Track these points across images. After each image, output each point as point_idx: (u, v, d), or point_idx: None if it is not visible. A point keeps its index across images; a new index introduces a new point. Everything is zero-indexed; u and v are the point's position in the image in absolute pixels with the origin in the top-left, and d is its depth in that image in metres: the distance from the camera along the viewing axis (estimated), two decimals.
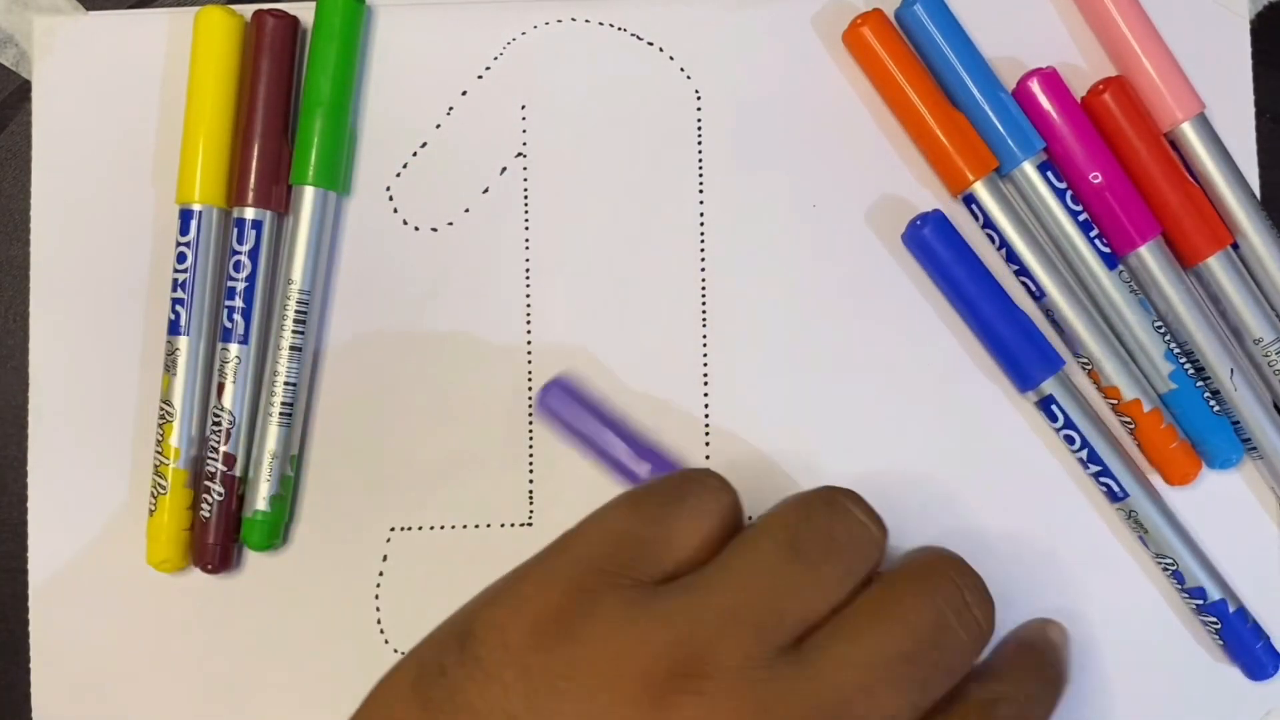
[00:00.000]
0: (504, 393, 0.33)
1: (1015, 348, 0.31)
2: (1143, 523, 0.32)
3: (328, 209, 0.32)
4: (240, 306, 0.32)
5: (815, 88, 0.33)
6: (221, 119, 0.32)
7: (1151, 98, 0.32)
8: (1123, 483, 0.32)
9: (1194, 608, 0.32)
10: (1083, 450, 0.32)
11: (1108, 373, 0.32)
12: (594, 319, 0.33)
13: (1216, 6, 0.33)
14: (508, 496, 0.33)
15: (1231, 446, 0.32)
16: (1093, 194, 0.32)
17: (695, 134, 0.33)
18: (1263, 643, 0.32)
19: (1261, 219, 0.32)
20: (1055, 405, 0.32)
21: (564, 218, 0.33)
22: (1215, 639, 0.32)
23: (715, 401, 0.33)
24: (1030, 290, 0.32)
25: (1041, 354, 0.31)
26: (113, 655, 0.33)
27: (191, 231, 0.32)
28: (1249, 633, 0.32)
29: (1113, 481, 0.32)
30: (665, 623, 0.24)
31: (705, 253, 0.33)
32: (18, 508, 0.33)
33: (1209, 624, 0.32)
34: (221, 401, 0.32)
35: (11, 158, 0.33)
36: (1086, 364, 0.32)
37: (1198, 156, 0.32)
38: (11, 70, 0.34)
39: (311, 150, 0.32)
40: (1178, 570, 0.32)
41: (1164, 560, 0.32)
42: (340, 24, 0.32)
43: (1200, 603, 0.32)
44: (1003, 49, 0.33)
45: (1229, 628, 0.32)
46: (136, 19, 0.33)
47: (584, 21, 0.33)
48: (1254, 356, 0.32)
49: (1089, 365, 0.32)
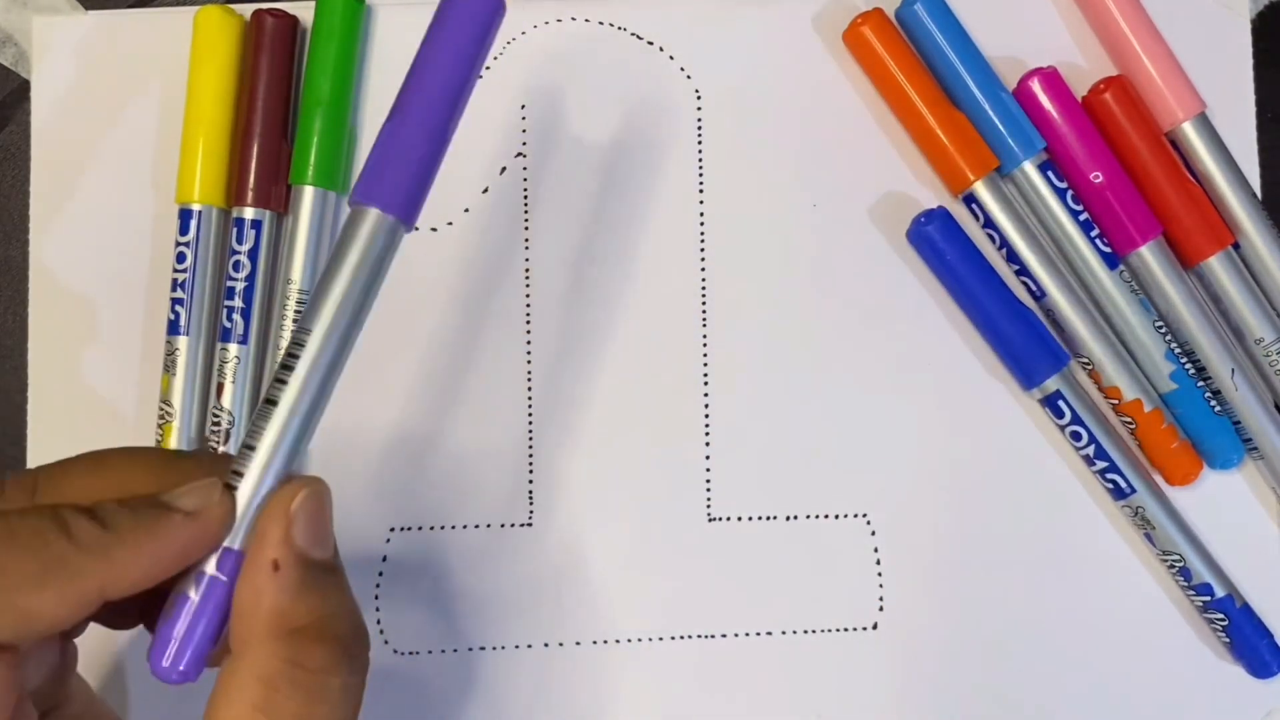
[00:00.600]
0: (504, 393, 0.33)
1: (1021, 345, 0.31)
2: (1150, 519, 0.32)
3: (327, 208, 0.32)
4: (240, 306, 0.32)
5: (815, 87, 0.33)
6: (221, 119, 0.32)
7: (1152, 97, 0.32)
8: (1130, 478, 0.32)
9: (1200, 605, 0.32)
10: (1089, 447, 0.32)
11: (1109, 373, 0.32)
12: (594, 319, 0.33)
13: (1217, 6, 0.33)
14: (508, 496, 0.33)
15: (1233, 447, 0.32)
16: (1094, 193, 0.32)
17: (695, 134, 0.33)
18: (1267, 640, 0.32)
19: (1262, 219, 0.32)
20: (1062, 401, 0.32)
21: (564, 218, 0.33)
22: (1221, 636, 0.32)
23: (715, 401, 0.33)
24: (1031, 290, 0.32)
25: (1048, 350, 0.31)
26: (112, 654, 0.32)
27: (191, 231, 0.32)
28: (1255, 629, 0.32)
29: (1120, 477, 0.32)
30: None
31: (705, 252, 0.33)
32: None
33: (1215, 621, 0.32)
34: (221, 402, 0.32)
35: (11, 157, 0.33)
36: (1087, 364, 0.32)
37: (1199, 156, 0.32)
38: (11, 70, 0.34)
39: (311, 150, 0.32)
40: (1185, 567, 0.32)
41: (1170, 557, 0.32)
42: (339, 23, 0.32)
43: (1207, 599, 0.32)
44: (1004, 48, 0.33)
45: (1235, 624, 0.32)
46: (136, 18, 0.33)
47: (584, 21, 0.33)
48: (1255, 356, 0.32)
49: (1090, 365, 0.32)
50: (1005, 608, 0.33)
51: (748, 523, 0.33)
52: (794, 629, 0.33)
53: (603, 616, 0.32)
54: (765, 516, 0.33)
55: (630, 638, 0.32)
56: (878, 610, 0.33)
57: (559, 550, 0.32)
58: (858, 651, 0.33)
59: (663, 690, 0.32)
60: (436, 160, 0.22)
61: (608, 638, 0.32)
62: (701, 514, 0.33)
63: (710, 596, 0.33)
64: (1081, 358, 0.32)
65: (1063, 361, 0.32)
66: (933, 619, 0.33)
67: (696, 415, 0.33)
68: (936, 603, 0.33)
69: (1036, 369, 0.31)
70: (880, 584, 0.33)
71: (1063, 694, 0.33)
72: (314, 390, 0.21)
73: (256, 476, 0.21)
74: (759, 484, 0.33)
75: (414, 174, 0.22)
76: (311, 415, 0.21)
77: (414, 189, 0.22)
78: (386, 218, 0.21)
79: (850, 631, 0.33)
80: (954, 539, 0.33)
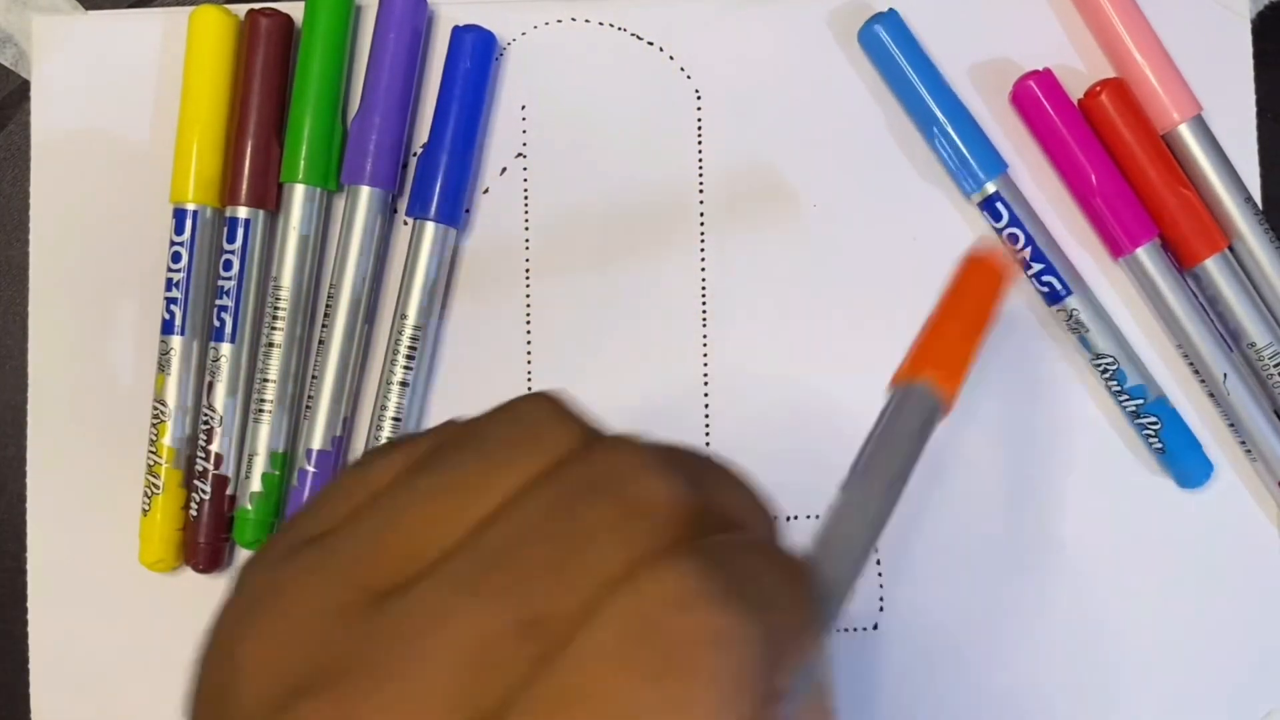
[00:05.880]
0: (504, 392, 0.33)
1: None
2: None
3: (317, 206, 0.32)
4: (230, 305, 0.32)
5: (815, 87, 0.33)
6: (215, 118, 0.32)
7: (1149, 100, 0.32)
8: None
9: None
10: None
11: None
12: (593, 318, 0.33)
13: (1217, 6, 0.33)
14: None
15: (1201, 466, 0.32)
16: (1090, 196, 0.32)
17: (695, 134, 0.33)
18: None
19: (1259, 222, 0.32)
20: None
21: (564, 218, 0.33)
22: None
23: (715, 400, 0.33)
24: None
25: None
26: (112, 654, 0.32)
27: (186, 231, 0.32)
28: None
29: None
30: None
31: (705, 252, 0.33)
32: (16, 507, 0.33)
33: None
34: (211, 400, 0.32)
35: (11, 157, 0.33)
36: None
37: (1195, 158, 0.32)
38: (11, 70, 0.34)
39: (301, 148, 0.31)
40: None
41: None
42: (328, 22, 0.32)
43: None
44: (999, 51, 0.33)
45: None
46: (135, 18, 0.33)
47: (584, 21, 0.33)
48: (1250, 360, 0.32)
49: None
50: (1005, 608, 0.33)
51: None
52: None
53: None
54: None
55: None
56: (878, 610, 0.33)
57: None
58: (858, 651, 0.33)
59: None
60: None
61: None
62: None
63: None
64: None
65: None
66: (933, 619, 0.33)
67: (697, 415, 0.33)
68: (936, 603, 0.33)
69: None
70: (880, 584, 0.33)
71: (1063, 694, 0.33)
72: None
73: None
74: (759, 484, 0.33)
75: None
76: None
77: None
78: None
79: (850, 631, 0.33)
80: (954, 539, 0.33)
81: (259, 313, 0.32)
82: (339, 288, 0.32)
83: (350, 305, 0.32)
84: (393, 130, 0.32)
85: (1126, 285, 0.33)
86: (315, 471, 0.32)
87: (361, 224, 0.32)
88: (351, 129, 0.32)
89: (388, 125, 0.32)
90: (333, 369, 0.32)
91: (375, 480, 0.18)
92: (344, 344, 0.32)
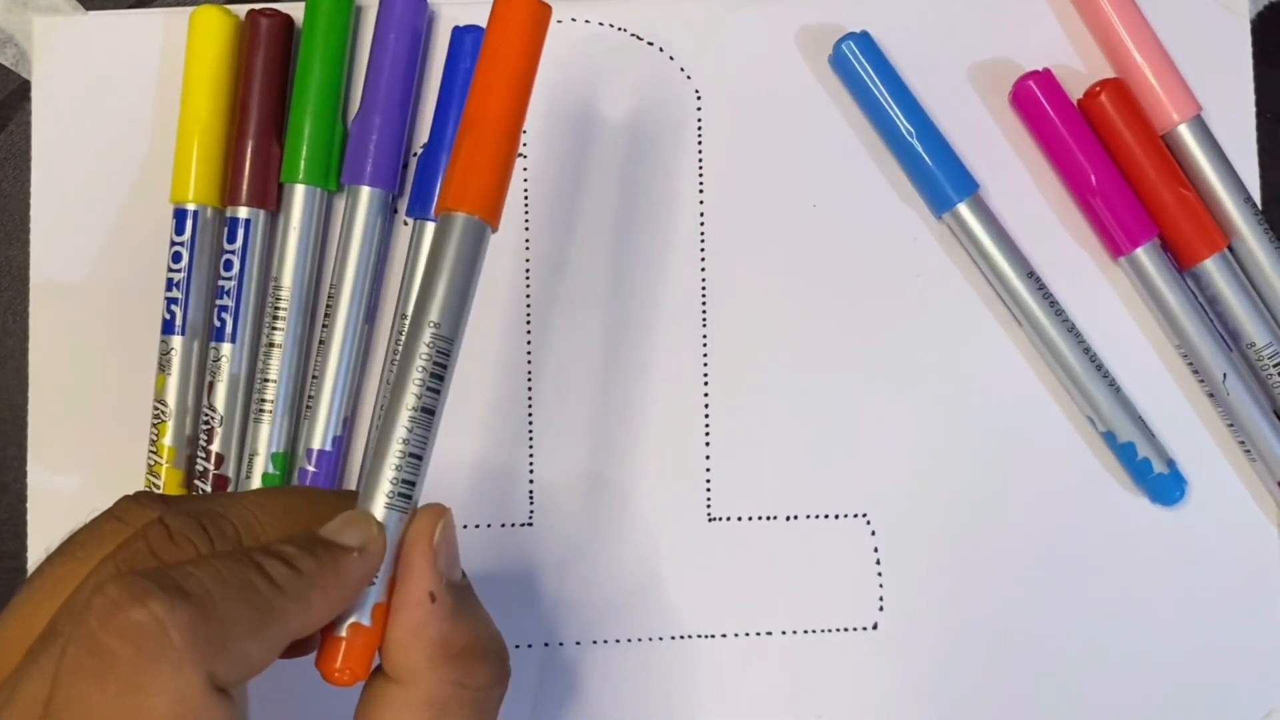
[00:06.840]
0: (504, 392, 0.33)
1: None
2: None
3: (318, 206, 0.32)
4: (230, 305, 0.32)
5: (815, 87, 0.33)
6: (216, 118, 0.32)
7: (1149, 100, 0.32)
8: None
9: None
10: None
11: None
12: (594, 318, 0.33)
13: (1217, 6, 0.33)
14: (508, 496, 0.33)
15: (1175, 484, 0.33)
16: (1089, 196, 0.32)
17: (695, 134, 0.33)
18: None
19: (1258, 222, 0.32)
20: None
21: (564, 218, 0.33)
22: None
23: (715, 400, 0.33)
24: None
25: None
26: None
27: (186, 231, 0.32)
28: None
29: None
30: None
31: (705, 252, 0.33)
32: (17, 508, 0.33)
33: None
34: (212, 400, 0.32)
35: (11, 157, 0.33)
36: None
37: (1194, 158, 0.32)
38: (11, 70, 0.34)
39: (302, 148, 0.32)
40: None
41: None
42: (329, 23, 0.32)
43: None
44: (999, 51, 0.33)
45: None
46: (135, 19, 0.33)
47: (584, 21, 0.33)
48: (1249, 360, 0.32)
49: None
50: (1005, 608, 0.33)
51: (748, 523, 0.33)
52: (794, 629, 0.33)
53: (602, 617, 0.32)
54: (765, 516, 0.33)
55: (630, 638, 0.32)
56: (878, 610, 0.33)
57: (559, 550, 0.32)
58: (858, 651, 0.33)
59: (663, 689, 0.32)
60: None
61: (607, 638, 0.32)
62: (701, 514, 0.33)
63: (710, 596, 0.33)
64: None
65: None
66: (933, 619, 0.33)
67: (697, 415, 0.33)
68: (936, 603, 0.33)
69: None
70: (880, 584, 0.33)
71: (1063, 694, 0.33)
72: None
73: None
74: (759, 484, 0.33)
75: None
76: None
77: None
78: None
79: (850, 631, 0.33)
80: (954, 539, 0.33)
81: (259, 313, 0.32)
82: (339, 288, 0.32)
83: (351, 305, 0.32)
84: (393, 130, 0.32)
85: (1126, 285, 0.33)
86: (316, 471, 0.32)
87: (362, 224, 0.32)
88: (352, 129, 0.32)
89: (388, 125, 0.32)
90: (333, 369, 0.32)
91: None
92: (344, 344, 0.32)
